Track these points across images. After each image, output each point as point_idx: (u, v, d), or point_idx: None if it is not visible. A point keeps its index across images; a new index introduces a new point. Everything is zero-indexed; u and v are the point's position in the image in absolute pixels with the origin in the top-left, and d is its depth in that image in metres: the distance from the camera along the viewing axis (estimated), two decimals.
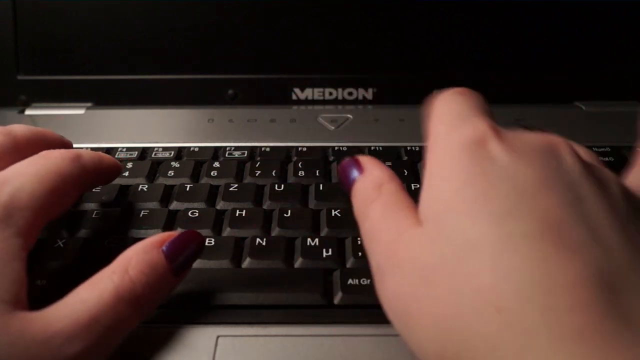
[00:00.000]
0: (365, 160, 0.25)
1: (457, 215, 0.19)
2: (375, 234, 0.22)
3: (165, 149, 0.37)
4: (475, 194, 0.19)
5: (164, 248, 0.23)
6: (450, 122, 0.22)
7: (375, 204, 0.22)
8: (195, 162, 0.35)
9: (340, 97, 0.44)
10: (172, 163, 0.35)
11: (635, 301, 0.16)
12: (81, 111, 0.42)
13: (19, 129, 0.27)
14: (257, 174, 0.34)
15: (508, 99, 0.42)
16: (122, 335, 0.21)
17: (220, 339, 0.24)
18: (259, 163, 0.35)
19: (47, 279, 0.26)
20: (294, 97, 0.44)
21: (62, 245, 0.28)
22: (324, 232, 0.29)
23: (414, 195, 0.31)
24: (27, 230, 0.22)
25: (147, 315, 0.22)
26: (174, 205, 0.31)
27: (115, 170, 0.29)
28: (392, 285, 0.20)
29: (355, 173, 0.24)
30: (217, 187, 0.33)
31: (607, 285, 0.17)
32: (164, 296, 0.23)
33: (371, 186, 0.23)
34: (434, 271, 0.19)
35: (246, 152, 0.36)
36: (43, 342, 0.19)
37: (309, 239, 0.28)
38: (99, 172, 0.28)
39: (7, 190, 0.22)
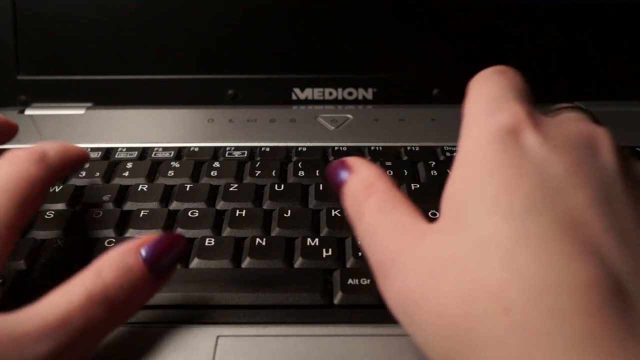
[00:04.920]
0: (353, 160, 0.24)
1: (475, 208, 0.18)
2: (373, 232, 0.21)
3: (165, 149, 0.37)
4: (498, 186, 0.18)
5: (142, 251, 0.22)
6: (485, 105, 0.21)
7: (369, 202, 0.22)
8: (195, 162, 0.35)
9: (340, 97, 0.44)
10: (172, 163, 0.35)
11: None
12: (81, 111, 0.42)
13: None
14: (257, 174, 0.34)
15: None
16: (98, 336, 0.21)
17: (220, 339, 0.24)
18: (259, 163, 0.35)
19: (47, 279, 0.26)
20: (293, 97, 0.44)
21: (61, 245, 0.28)
22: (324, 232, 0.29)
23: (413, 196, 0.31)
24: (1, 247, 0.22)
25: (127, 318, 0.22)
26: (174, 205, 0.31)
27: (81, 158, 0.28)
28: (397, 282, 0.20)
29: (344, 174, 0.23)
30: (217, 187, 0.33)
31: (619, 290, 0.16)
32: (145, 299, 0.22)
33: (362, 185, 0.22)
34: (444, 266, 0.18)
35: (246, 152, 0.36)
36: (9, 343, 0.19)
37: (309, 239, 0.28)
38: (65, 166, 0.27)
39: None
